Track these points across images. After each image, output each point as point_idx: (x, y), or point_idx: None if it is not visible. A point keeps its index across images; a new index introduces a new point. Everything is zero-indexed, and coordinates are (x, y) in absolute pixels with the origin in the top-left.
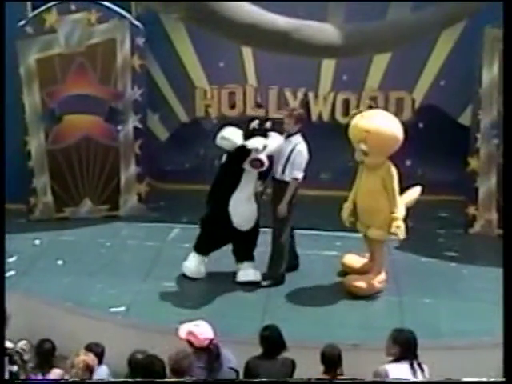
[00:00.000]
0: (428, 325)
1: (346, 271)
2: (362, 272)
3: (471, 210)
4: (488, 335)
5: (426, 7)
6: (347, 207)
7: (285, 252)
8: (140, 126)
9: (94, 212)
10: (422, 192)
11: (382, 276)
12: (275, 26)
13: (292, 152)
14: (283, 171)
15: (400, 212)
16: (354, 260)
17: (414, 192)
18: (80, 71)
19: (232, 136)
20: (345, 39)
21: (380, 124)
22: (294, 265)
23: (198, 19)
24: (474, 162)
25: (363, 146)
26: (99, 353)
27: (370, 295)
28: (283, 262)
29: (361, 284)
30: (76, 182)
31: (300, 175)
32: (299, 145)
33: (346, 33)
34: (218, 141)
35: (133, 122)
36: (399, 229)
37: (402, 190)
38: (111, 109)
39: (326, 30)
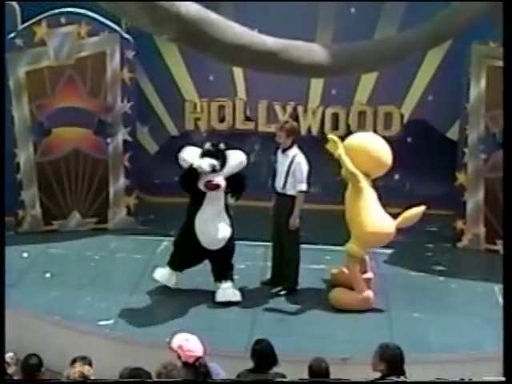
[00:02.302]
0: (416, 339)
1: (336, 284)
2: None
3: (459, 224)
4: (476, 349)
5: (413, 26)
6: None
7: (296, 262)
8: (129, 138)
9: (83, 225)
10: (411, 206)
11: (367, 293)
12: (264, 46)
13: (291, 165)
14: (284, 185)
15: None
16: (344, 273)
17: (414, 210)
18: (70, 84)
19: (188, 157)
20: (332, 59)
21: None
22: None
23: (188, 41)
24: (461, 177)
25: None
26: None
27: (352, 310)
28: (296, 271)
29: (342, 297)
30: (65, 195)
31: (304, 187)
32: (297, 157)
33: (333, 53)
34: (180, 162)
35: (122, 134)
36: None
37: (390, 204)
38: (100, 121)
39: (313, 51)
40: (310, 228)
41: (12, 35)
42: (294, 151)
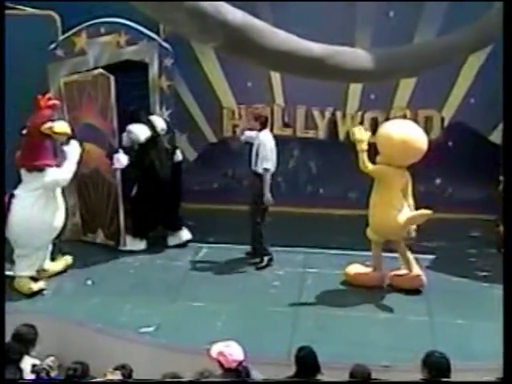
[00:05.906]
0: (460, 346)
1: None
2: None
3: (503, 229)
4: None
5: (454, 30)
6: None
7: (261, 231)
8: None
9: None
10: (452, 211)
11: (417, 271)
12: (310, 53)
13: (259, 147)
14: (255, 164)
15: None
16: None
17: (419, 212)
18: None
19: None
20: (377, 64)
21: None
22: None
23: (234, 48)
24: None
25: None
26: (126, 375)
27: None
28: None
29: (401, 280)
30: (89, 211)
31: (268, 165)
32: (262, 138)
33: (377, 58)
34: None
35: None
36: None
37: (431, 209)
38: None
39: (359, 56)
40: (349, 233)
41: (53, 46)
42: (263, 135)
